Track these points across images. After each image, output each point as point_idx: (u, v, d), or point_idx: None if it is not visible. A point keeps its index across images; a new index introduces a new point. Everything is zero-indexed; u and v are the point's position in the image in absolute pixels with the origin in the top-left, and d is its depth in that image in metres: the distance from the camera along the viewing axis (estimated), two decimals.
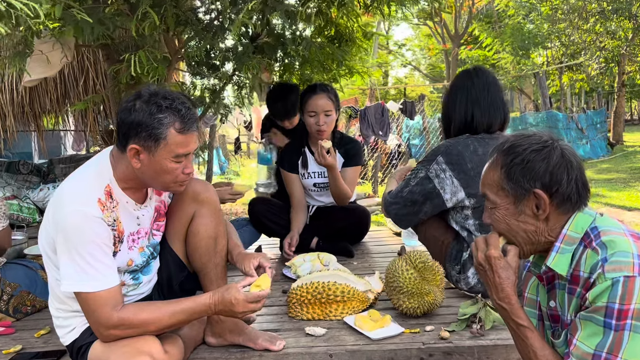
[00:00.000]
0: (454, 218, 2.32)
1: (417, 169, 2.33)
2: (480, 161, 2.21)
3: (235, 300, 1.68)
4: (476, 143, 2.26)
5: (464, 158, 2.23)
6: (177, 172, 1.70)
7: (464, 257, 2.30)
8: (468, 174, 2.22)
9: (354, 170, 3.20)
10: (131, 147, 1.64)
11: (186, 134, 1.67)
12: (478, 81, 2.31)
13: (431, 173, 2.26)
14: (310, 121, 3.06)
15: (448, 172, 2.24)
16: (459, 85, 2.35)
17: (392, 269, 2.15)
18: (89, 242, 1.60)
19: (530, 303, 1.48)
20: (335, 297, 2.15)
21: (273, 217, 3.20)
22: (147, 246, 1.87)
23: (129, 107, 1.65)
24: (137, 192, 1.80)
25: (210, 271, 1.97)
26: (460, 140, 2.28)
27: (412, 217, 2.36)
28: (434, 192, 2.26)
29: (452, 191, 2.25)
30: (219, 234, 1.97)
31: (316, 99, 3.04)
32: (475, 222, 2.26)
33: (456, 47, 20.19)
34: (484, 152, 2.23)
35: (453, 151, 2.25)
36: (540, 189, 1.27)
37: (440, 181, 2.25)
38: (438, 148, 2.31)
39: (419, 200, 2.30)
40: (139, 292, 1.89)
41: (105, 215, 1.65)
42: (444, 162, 2.25)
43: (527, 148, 1.30)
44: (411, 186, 2.31)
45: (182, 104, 1.67)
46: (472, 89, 2.31)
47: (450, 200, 2.26)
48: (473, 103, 2.29)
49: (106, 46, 3.32)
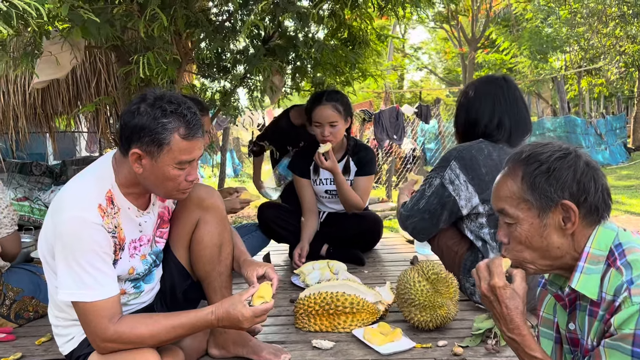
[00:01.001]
0: (468, 227, 2.23)
1: (430, 177, 2.24)
2: (494, 166, 2.13)
3: (243, 317, 1.61)
4: (490, 147, 2.19)
5: (477, 162, 2.15)
6: (179, 179, 1.63)
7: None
8: (482, 179, 2.14)
9: (367, 180, 3.11)
10: (133, 151, 1.58)
11: (191, 141, 1.60)
12: (509, 92, 2.24)
13: (445, 180, 2.18)
14: (316, 131, 3.00)
15: (462, 177, 2.16)
16: (487, 92, 2.26)
17: (404, 280, 2.06)
18: (87, 250, 1.54)
19: (546, 323, 1.37)
20: (344, 308, 2.07)
21: (283, 223, 3.13)
22: (150, 254, 1.81)
23: (132, 110, 1.59)
24: (140, 197, 1.74)
25: (214, 280, 1.90)
26: (473, 145, 2.20)
27: (432, 229, 2.28)
28: (450, 199, 2.18)
29: (467, 197, 2.17)
30: (224, 241, 1.90)
31: (321, 109, 2.96)
32: (491, 230, 2.16)
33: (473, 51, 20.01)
34: (498, 157, 2.15)
35: (466, 155, 2.17)
36: (568, 199, 1.17)
37: (456, 187, 2.17)
38: (450, 153, 2.23)
39: (437, 210, 2.21)
40: (140, 300, 1.83)
41: (105, 221, 1.59)
42: (457, 167, 2.17)
43: (551, 156, 1.20)
44: (427, 197, 2.22)
45: (187, 109, 1.61)
46: (502, 98, 2.23)
47: (465, 206, 2.17)
48: (502, 112, 2.21)
49: (117, 48, 3.29)
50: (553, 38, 16.16)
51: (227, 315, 1.62)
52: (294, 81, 3.68)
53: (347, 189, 2.96)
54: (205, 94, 3.77)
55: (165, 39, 2.86)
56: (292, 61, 3.54)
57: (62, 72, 3.23)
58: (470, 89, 2.32)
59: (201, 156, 1.71)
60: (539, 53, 16.14)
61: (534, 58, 16.13)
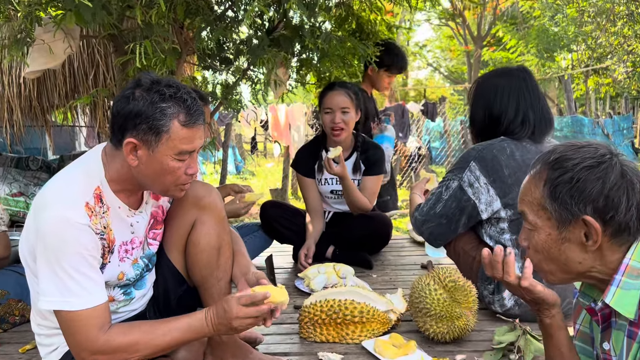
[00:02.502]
0: (487, 232, 2.07)
1: (447, 179, 2.07)
2: (518, 167, 1.96)
3: (228, 305, 1.44)
4: (513, 146, 2.01)
5: (499, 163, 1.98)
6: (179, 172, 1.48)
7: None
8: (505, 182, 1.97)
9: (375, 180, 2.94)
10: (128, 141, 1.43)
11: (192, 128, 1.45)
12: (531, 85, 2.07)
13: (464, 182, 2.01)
14: (326, 119, 2.84)
15: (482, 179, 1.99)
16: (510, 85, 2.08)
17: (418, 287, 1.90)
18: (72, 253, 1.38)
19: (583, 338, 1.22)
20: (352, 317, 1.91)
21: (286, 223, 2.97)
22: (142, 257, 1.65)
23: (126, 95, 1.43)
24: (132, 195, 1.59)
25: (211, 286, 1.74)
26: (494, 143, 2.03)
27: (449, 234, 2.11)
28: (469, 203, 2.01)
29: (488, 201, 2.00)
30: (223, 244, 1.74)
31: (333, 94, 2.83)
32: (512, 236, 2.00)
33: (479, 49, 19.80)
34: (521, 157, 1.98)
35: (487, 155, 1.99)
36: (591, 215, 1.03)
37: (475, 191, 2.00)
38: (469, 153, 2.05)
39: (455, 215, 2.05)
40: (130, 308, 1.67)
41: (93, 221, 1.43)
42: (477, 169, 1.99)
43: (579, 163, 1.05)
44: (444, 201, 2.05)
45: (187, 94, 1.46)
46: (526, 91, 2.06)
47: (486, 211, 2.01)
48: (527, 107, 2.04)
49: (115, 37, 3.13)
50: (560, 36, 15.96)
51: (216, 311, 1.46)
52: (299, 74, 3.51)
53: (355, 192, 2.80)
54: (206, 87, 3.61)
55: (164, 27, 2.71)
56: (297, 53, 3.37)
57: (56, 61, 3.08)
58: (488, 83, 2.14)
59: (202, 148, 1.56)
60: (546, 51, 15.93)
61: (541, 56, 15.93)
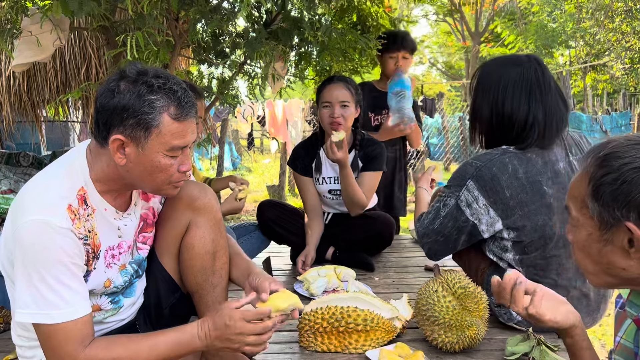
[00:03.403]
0: (489, 248, 1.91)
1: (445, 195, 1.88)
2: (521, 187, 1.76)
3: (230, 319, 1.33)
4: (516, 161, 1.78)
5: (500, 184, 1.77)
6: (171, 169, 1.37)
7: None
8: (506, 204, 1.78)
9: (373, 176, 2.80)
10: (114, 137, 1.31)
11: (183, 121, 1.34)
12: (544, 79, 1.82)
13: (462, 202, 1.82)
14: (324, 113, 2.70)
15: (481, 200, 1.79)
16: (520, 80, 1.83)
17: (426, 294, 1.79)
18: (52, 261, 1.27)
19: (624, 352, 1.11)
20: (356, 325, 1.80)
21: (284, 224, 2.85)
22: (131, 263, 1.54)
23: (111, 88, 1.32)
24: (119, 196, 1.47)
25: (206, 293, 1.63)
26: (494, 159, 1.80)
27: (448, 251, 1.95)
28: (468, 224, 1.84)
29: (489, 222, 1.82)
30: (219, 248, 1.63)
31: (332, 87, 2.69)
32: (516, 256, 1.84)
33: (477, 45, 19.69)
34: (526, 174, 1.77)
35: (486, 175, 1.79)
36: (634, 222, 0.93)
37: (474, 212, 1.81)
38: (466, 169, 1.85)
39: (452, 234, 1.88)
40: (119, 318, 1.56)
41: (76, 225, 1.32)
42: (475, 188, 1.80)
43: (629, 163, 0.95)
44: (442, 217, 1.88)
45: (177, 85, 1.35)
46: (537, 85, 1.81)
47: (487, 231, 1.84)
48: (537, 108, 1.80)
49: (106, 29, 3.01)
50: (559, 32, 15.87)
51: (214, 324, 1.35)
52: (298, 68, 3.39)
53: (353, 183, 2.66)
54: (201, 81, 3.49)
55: (157, 19, 2.59)
56: (296, 46, 3.25)
57: (44, 54, 2.95)
58: (495, 74, 1.87)
59: (195, 142, 1.44)
60: (544, 48, 15.85)
61: (540, 53, 15.84)
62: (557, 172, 1.81)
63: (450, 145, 11.89)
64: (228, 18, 2.86)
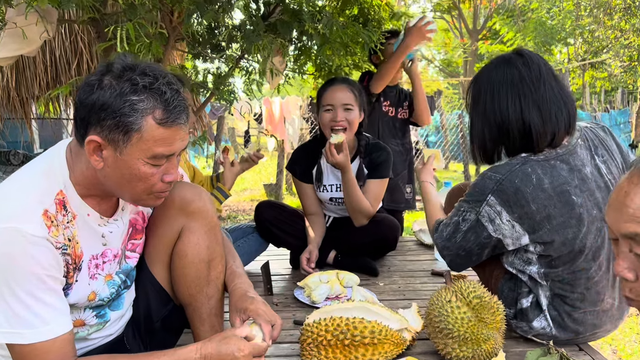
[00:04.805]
0: (509, 260, 1.76)
1: (463, 209, 1.72)
2: (547, 198, 1.60)
3: (239, 350, 1.23)
4: (539, 170, 1.62)
5: (524, 197, 1.60)
6: (153, 179, 1.22)
7: (522, 305, 1.76)
8: (532, 218, 1.62)
9: (379, 184, 2.65)
10: (90, 138, 1.17)
11: (170, 127, 1.20)
12: (529, 72, 1.66)
13: (483, 217, 1.66)
14: (326, 117, 2.55)
15: (505, 215, 1.63)
16: (501, 79, 1.68)
17: (438, 304, 1.66)
18: (24, 274, 1.13)
19: None
20: (362, 338, 1.66)
21: (283, 226, 2.71)
22: (118, 273, 1.40)
23: (92, 83, 1.18)
24: (104, 201, 1.33)
25: (201, 305, 1.50)
26: (515, 170, 1.62)
27: (472, 263, 1.81)
28: (491, 239, 1.69)
29: (514, 236, 1.66)
30: (214, 256, 1.50)
31: (334, 90, 2.55)
32: (541, 269, 1.69)
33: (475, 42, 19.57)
34: (552, 184, 1.61)
35: (508, 189, 1.62)
36: None
37: (497, 227, 1.66)
38: (485, 183, 1.66)
39: (474, 249, 1.73)
40: (105, 333, 1.42)
41: (52, 233, 1.18)
42: (497, 204, 1.63)
43: None
44: (462, 232, 1.72)
45: (167, 85, 1.20)
46: (524, 85, 1.65)
47: (513, 244, 1.69)
48: (528, 105, 1.64)
49: (97, 22, 2.86)
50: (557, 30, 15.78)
51: (218, 354, 1.23)
52: (297, 63, 3.25)
53: (356, 190, 2.52)
54: (196, 76, 3.35)
55: (151, 11, 2.45)
56: (295, 40, 3.11)
57: (30, 47, 2.81)
58: (481, 81, 1.74)
59: (185, 149, 1.30)
60: (543, 45, 15.75)
61: (539, 50, 15.75)
62: (584, 179, 1.65)
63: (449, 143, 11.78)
64: (224, 9, 2.72)
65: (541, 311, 1.73)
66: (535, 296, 1.73)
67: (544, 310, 1.72)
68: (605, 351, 3.07)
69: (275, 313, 1.41)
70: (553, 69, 1.71)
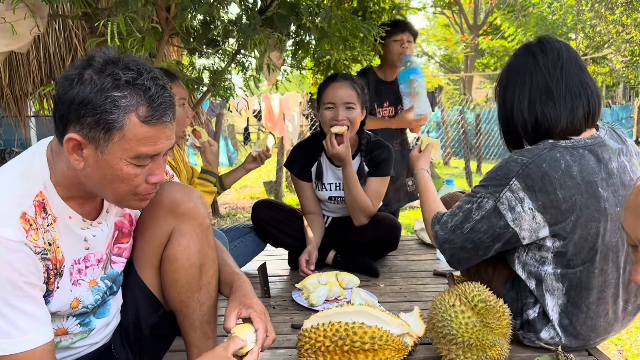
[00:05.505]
0: (521, 260, 1.65)
1: (479, 195, 1.61)
2: (575, 187, 1.51)
3: None
4: (568, 157, 1.53)
5: (551, 183, 1.50)
6: (136, 180, 1.15)
7: (529, 316, 1.67)
8: (557, 207, 1.52)
9: (380, 182, 2.57)
10: (70, 137, 1.10)
11: (155, 126, 1.12)
12: (547, 60, 1.59)
13: (502, 204, 1.55)
14: (327, 116, 2.46)
15: (527, 202, 1.53)
16: (517, 70, 1.64)
17: (441, 309, 1.58)
18: (1, 282, 1.06)
19: None
20: (362, 344, 1.59)
21: (281, 225, 2.63)
22: (103, 278, 1.33)
23: (71, 77, 1.10)
24: (87, 202, 1.26)
25: (192, 312, 1.42)
26: (543, 154, 1.53)
27: (475, 260, 1.69)
28: (507, 231, 1.57)
29: (532, 228, 1.56)
30: (206, 260, 1.42)
31: (335, 87, 2.45)
32: (557, 270, 1.59)
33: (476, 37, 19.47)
34: (580, 173, 1.52)
35: (535, 173, 1.52)
36: None
37: (517, 216, 1.55)
38: (509, 166, 1.56)
39: (484, 242, 1.61)
40: (90, 341, 1.35)
41: (31, 237, 1.11)
42: (521, 189, 1.53)
43: None
44: (473, 221, 1.60)
45: (152, 80, 1.12)
46: (539, 73, 1.59)
47: (529, 238, 1.58)
48: (542, 94, 1.58)
49: (89, 17, 2.79)
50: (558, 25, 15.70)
51: None
52: (295, 58, 3.17)
53: (357, 187, 2.45)
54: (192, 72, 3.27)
55: (142, 2, 2.37)
56: (293, 34, 3.03)
57: (20, 43, 2.72)
58: (503, 72, 1.72)
59: (171, 148, 1.22)
60: None
61: None
62: (610, 174, 1.57)
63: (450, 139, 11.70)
64: (219, 3, 2.65)
65: (549, 321, 1.65)
66: (542, 306, 1.65)
67: (552, 320, 1.64)
68: (611, 351, 3.00)
69: (272, 328, 1.34)
70: (578, 57, 1.64)
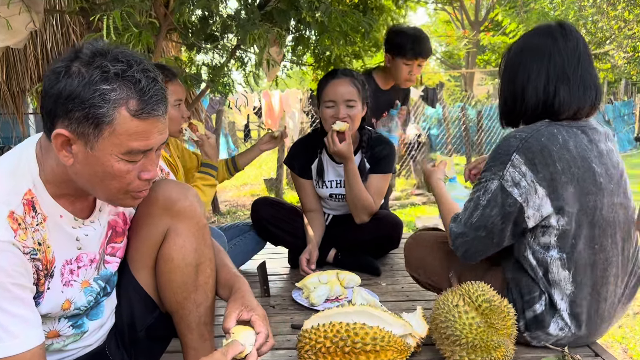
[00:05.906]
0: (530, 246, 1.61)
1: (485, 179, 1.61)
2: (572, 160, 1.53)
3: None
4: (565, 133, 1.57)
5: (551, 155, 1.52)
6: (128, 177, 1.11)
7: (536, 311, 1.62)
8: (557, 180, 1.52)
9: (381, 179, 2.53)
10: (58, 132, 1.06)
11: (146, 119, 1.08)
12: (566, 45, 1.60)
13: (507, 181, 1.55)
14: (327, 113, 2.42)
15: (530, 175, 1.53)
16: (536, 48, 1.62)
17: (444, 309, 1.55)
18: None
19: None
20: (364, 345, 1.55)
21: (281, 224, 2.59)
22: (96, 279, 1.29)
23: (58, 71, 1.06)
24: (78, 200, 1.21)
25: (189, 313, 1.38)
26: (541, 129, 1.57)
27: (490, 249, 1.66)
28: (515, 207, 1.55)
29: (536, 205, 1.54)
30: (203, 260, 1.38)
31: (336, 84, 2.41)
32: (562, 254, 1.56)
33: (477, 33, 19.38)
34: (576, 148, 1.55)
35: (534, 146, 1.54)
36: None
37: (523, 191, 1.54)
38: (509, 143, 1.58)
39: (496, 225, 1.58)
40: (83, 344, 1.31)
41: (19, 237, 1.07)
42: (522, 163, 1.53)
43: None
44: (482, 207, 1.59)
45: (142, 72, 1.07)
46: (558, 55, 1.59)
47: (533, 217, 1.56)
48: (559, 77, 1.58)
49: (86, 12, 2.75)
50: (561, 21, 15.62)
51: None
52: (295, 53, 3.12)
53: (359, 184, 2.41)
54: (191, 68, 3.23)
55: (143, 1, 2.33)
56: (292, 29, 2.99)
57: (16, 38, 2.69)
58: (515, 47, 1.71)
59: (164, 143, 1.18)
60: None
61: None
62: (600, 153, 1.60)
63: (452, 136, 11.64)
64: None
65: (556, 310, 1.60)
66: (549, 296, 1.61)
67: (560, 309, 1.60)
68: (616, 350, 2.97)
69: (271, 333, 1.30)
70: (590, 51, 1.66)
